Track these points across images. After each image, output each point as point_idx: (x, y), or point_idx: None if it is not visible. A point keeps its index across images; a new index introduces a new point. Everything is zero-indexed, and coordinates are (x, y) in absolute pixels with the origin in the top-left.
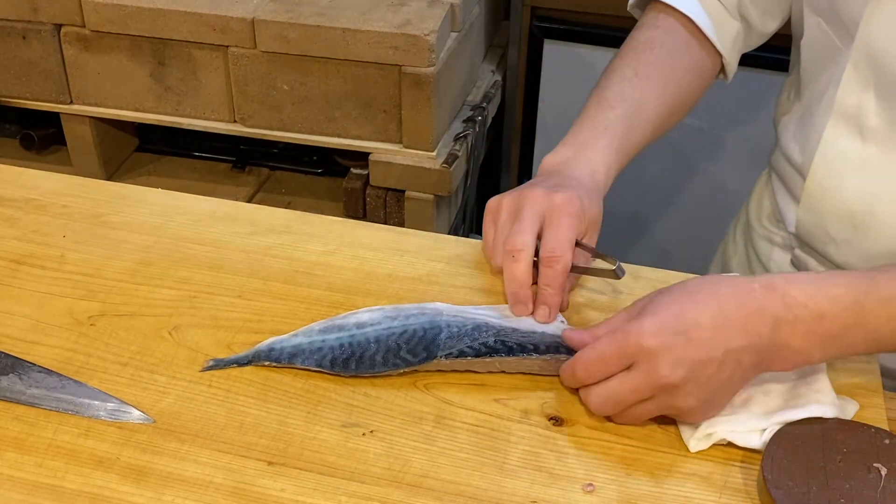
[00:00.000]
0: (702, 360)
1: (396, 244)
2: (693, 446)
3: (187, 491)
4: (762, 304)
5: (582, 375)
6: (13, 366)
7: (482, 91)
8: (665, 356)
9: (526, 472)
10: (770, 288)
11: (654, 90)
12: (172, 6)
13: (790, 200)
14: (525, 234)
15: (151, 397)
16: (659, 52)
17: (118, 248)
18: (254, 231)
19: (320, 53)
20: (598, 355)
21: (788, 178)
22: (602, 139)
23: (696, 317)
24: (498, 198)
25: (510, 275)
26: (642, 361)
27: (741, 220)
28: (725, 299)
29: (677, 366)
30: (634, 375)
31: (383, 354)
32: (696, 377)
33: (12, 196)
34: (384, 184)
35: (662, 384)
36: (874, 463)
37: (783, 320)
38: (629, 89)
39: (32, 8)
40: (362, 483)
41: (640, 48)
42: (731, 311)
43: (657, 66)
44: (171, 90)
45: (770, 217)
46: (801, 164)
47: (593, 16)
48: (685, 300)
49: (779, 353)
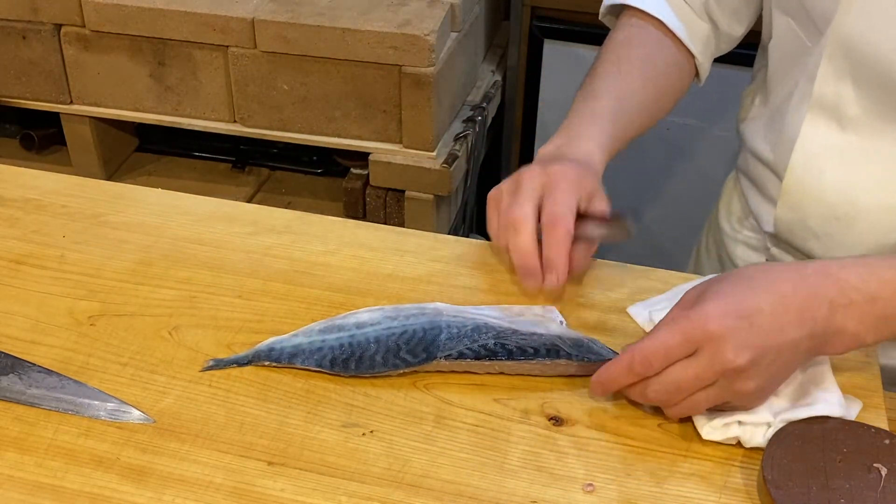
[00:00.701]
0: (764, 345)
1: (396, 244)
2: (706, 433)
3: (187, 491)
4: (817, 289)
5: (641, 368)
6: (13, 366)
7: (482, 91)
8: (731, 340)
9: (526, 472)
10: (823, 273)
11: (637, 81)
12: (172, 6)
13: (764, 201)
14: (524, 205)
15: (151, 397)
16: (637, 48)
17: (118, 248)
18: (254, 231)
19: (320, 53)
20: (661, 344)
21: (761, 179)
22: (593, 126)
23: (758, 302)
24: (497, 186)
25: (514, 247)
26: (707, 346)
27: (711, 225)
28: (782, 284)
29: (742, 350)
30: (698, 361)
31: (383, 355)
32: (759, 362)
33: (12, 196)
34: (384, 184)
35: (728, 368)
36: (874, 463)
37: (838, 304)
38: (613, 82)
39: (32, 8)
40: (362, 483)
41: (619, 46)
42: (789, 297)
43: (637, 61)
44: (171, 90)
45: (741, 220)
46: (774, 163)
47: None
48: (743, 286)
49: (833, 336)
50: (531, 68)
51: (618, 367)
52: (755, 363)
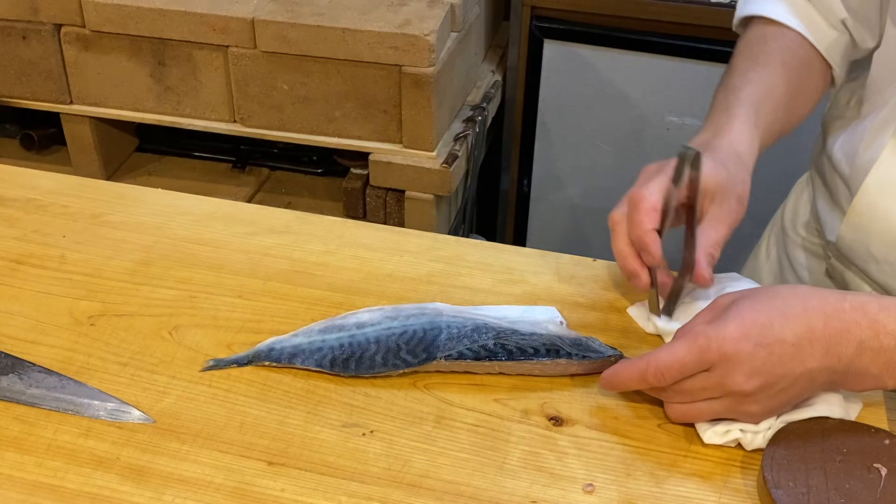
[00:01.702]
0: (778, 374)
1: (396, 244)
2: (708, 438)
3: (187, 491)
4: (849, 326)
5: (654, 380)
6: (13, 366)
7: (482, 91)
8: (744, 365)
9: (526, 472)
10: (861, 310)
11: (778, 74)
12: (172, 6)
13: (833, 208)
14: (652, 186)
15: (151, 397)
16: (773, 43)
17: (118, 248)
18: (254, 231)
19: (320, 53)
20: (676, 360)
21: (833, 186)
22: (737, 118)
23: (783, 332)
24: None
25: (614, 250)
26: (719, 366)
27: (775, 226)
28: (814, 316)
29: (753, 376)
30: (708, 376)
31: (383, 355)
32: (768, 389)
33: (12, 196)
34: (384, 184)
35: (735, 391)
36: (874, 463)
37: (867, 346)
38: (753, 74)
39: (32, 8)
40: (362, 483)
41: (755, 42)
42: (818, 330)
43: (776, 55)
44: (171, 90)
45: (806, 225)
46: (848, 177)
47: (593, 16)
48: (774, 313)
49: (854, 376)
50: (531, 68)
51: (630, 372)
52: (764, 390)
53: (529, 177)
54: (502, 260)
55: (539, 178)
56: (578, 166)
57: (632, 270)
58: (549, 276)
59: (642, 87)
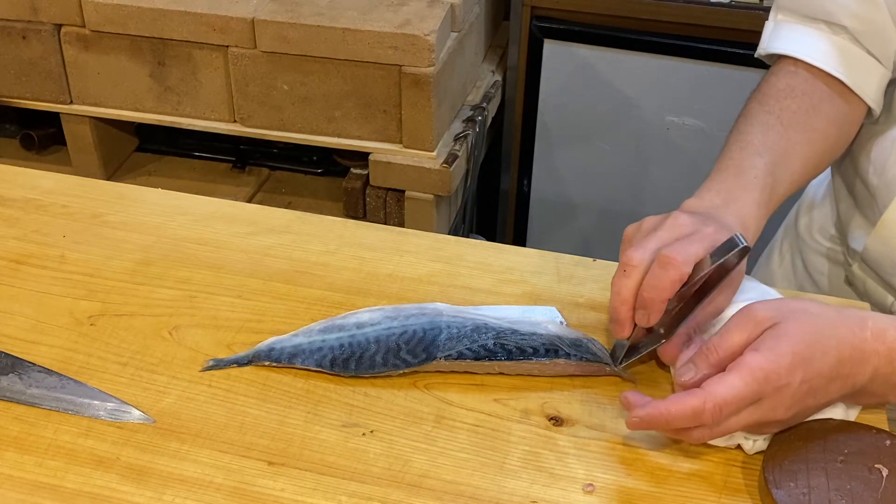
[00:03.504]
0: (809, 405)
1: (396, 244)
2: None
3: (187, 491)
4: (869, 356)
5: (711, 417)
6: (13, 366)
7: (482, 91)
8: (788, 399)
9: (526, 472)
10: (881, 339)
11: (799, 140)
12: (172, 6)
13: (860, 217)
14: (647, 250)
15: (151, 397)
16: (801, 100)
17: (118, 248)
18: (254, 231)
19: (320, 53)
20: (737, 396)
21: (860, 195)
22: (751, 192)
23: (822, 366)
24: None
25: (615, 289)
26: (769, 399)
27: (788, 230)
28: (843, 348)
29: (792, 407)
30: (753, 412)
31: (383, 355)
32: (796, 413)
33: (12, 196)
34: (384, 184)
35: (773, 420)
36: (875, 464)
37: (880, 372)
38: (774, 137)
39: (32, 8)
40: (362, 483)
41: (782, 95)
42: (845, 363)
43: (801, 115)
44: (171, 90)
45: (825, 231)
46: (876, 188)
47: (593, 16)
48: (816, 345)
49: (862, 396)
50: (531, 68)
51: (682, 409)
52: (794, 418)
53: (529, 177)
54: (502, 260)
55: (539, 178)
56: (578, 166)
57: (623, 319)
58: (549, 276)
59: (642, 87)
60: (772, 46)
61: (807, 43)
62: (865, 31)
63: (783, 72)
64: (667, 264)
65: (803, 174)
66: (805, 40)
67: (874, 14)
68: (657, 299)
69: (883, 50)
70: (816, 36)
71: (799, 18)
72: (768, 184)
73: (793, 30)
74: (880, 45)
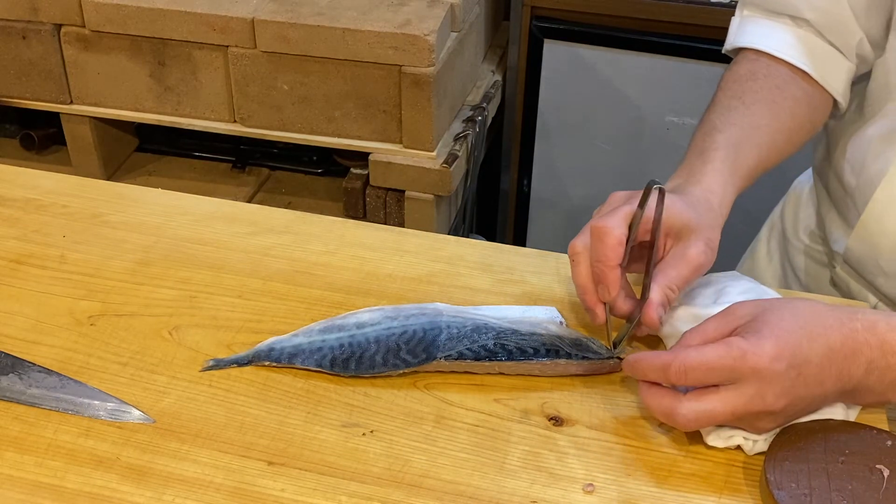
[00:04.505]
0: (801, 396)
1: (396, 244)
2: (711, 440)
3: (187, 491)
4: (861, 347)
5: (676, 376)
6: (13, 366)
7: (482, 91)
8: (775, 386)
9: (526, 472)
10: (871, 330)
11: (764, 114)
12: (172, 6)
13: (838, 218)
14: (584, 234)
15: (151, 397)
16: (763, 81)
17: (118, 248)
18: (254, 231)
19: (320, 53)
20: (707, 363)
21: (838, 196)
22: (712, 164)
23: (809, 353)
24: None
25: (595, 254)
26: (750, 385)
27: (774, 230)
28: (832, 336)
29: (781, 397)
30: (737, 399)
31: (383, 355)
32: (790, 408)
33: (12, 196)
34: (384, 184)
35: (762, 411)
36: (876, 464)
37: (875, 366)
38: (736, 115)
39: (32, 8)
40: (362, 483)
41: (744, 79)
42: (836, 351)
43: (765, 93)
44: (171, 90)
45: (809, 232)
46: (855, 188)
47: (593, 16)
48: (801, 332)
49: (861, 393)
50: (531, 68)
51: (654, 361)
52: (786, 409)
53: (529, 177)
54: (502, 260)
55: (539, 178)
56: (578, 166)
57: (590, 306)
58: (549, 276)
59: (642, 87)
60: (737, 41)
61: (771, 36)
62: (827, 24)
63: (744, 60)
64: (599, 233)
65: (772, 147)
66: (770, 34)
67: (835, 7)
68: (606, 270)
69: (845, 43)
70: (781, 29)
71: (764, 13)
72: (730, 155)
73: (758, 24)
74: (842, 37)
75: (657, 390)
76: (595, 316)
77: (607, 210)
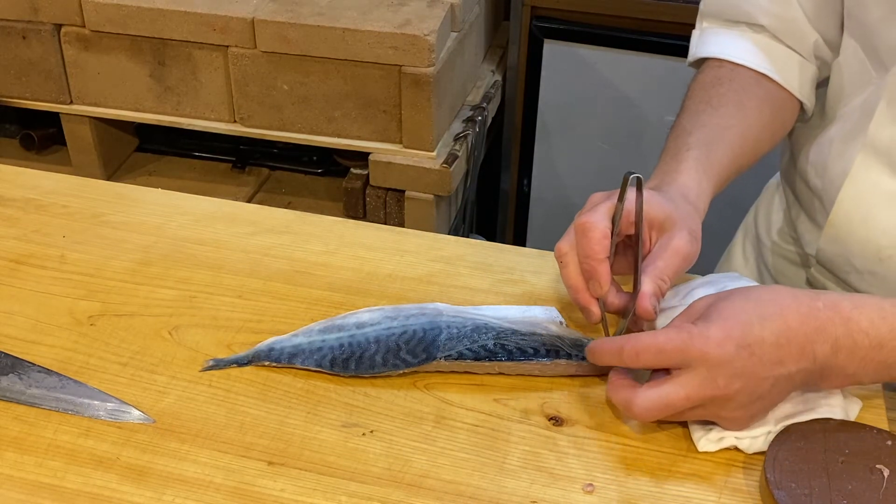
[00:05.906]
0: (760, 376)
1: (396, 244)
2: (702, 446)
3: (187, 491)
4: (824, 325)
5: (629, 358)
6: (13, 366)
7: (482, 91)
8: (725, 368)
9: (526, 472)
10: (835, 308)
11: (732, 114)
12: (172, 6)
13: (808, 221)
14: (568, 234)
15: (151, 397)
16: (728, 85)
17: (118, 248)
18: (254, 231)
19: (320, 53)
20: (656, 345)
21: (805, 199)
22: (685, 163)
23: (762, 332)
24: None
25: (581, 250)
26: (700, 368)
27: (749, 233)
28: (790, 315)
29: (734, 378)
30: (689, 382)
31: (383, 355)
32: (750, 391)
33: (12, 196)
34: (384, 184)
35: (717, 395)
36: (877, 464)
37: (842, 344)
38: (705, 117)
39: (32, 8)
40: (362, 483)
41: (709, 85)
42: (794, 329)
43: (731, 96)
44: (171, 90)
45: (781, 232)
46: (821, 190)
47: (593, 16)
48: (752, 313)
49: (830, 373)
50: (531, 68)
51: (610, 346)
52: (744, 392)
53: (529, 177)
54: (502, 260)
55: (539, 178)
56: (578, 166)
57: (584, 306)
58: (549, 276)
59: (642, 87)
60: (699, 52)
61: (731, 44)
62: (782, 28)
63: (708, 68)
64: (583, 228)
65: (742, 146)
66: (729, 42)
67: (787, 11)
68: (595, 265)
69: (802, 45)
70: (740, 37)
71: (722, 23)
72: (702, 154)
73: (717, 34)
74: (798, 40)
75: (618, 383)
76: (590, 314)
77: (588, 209)
